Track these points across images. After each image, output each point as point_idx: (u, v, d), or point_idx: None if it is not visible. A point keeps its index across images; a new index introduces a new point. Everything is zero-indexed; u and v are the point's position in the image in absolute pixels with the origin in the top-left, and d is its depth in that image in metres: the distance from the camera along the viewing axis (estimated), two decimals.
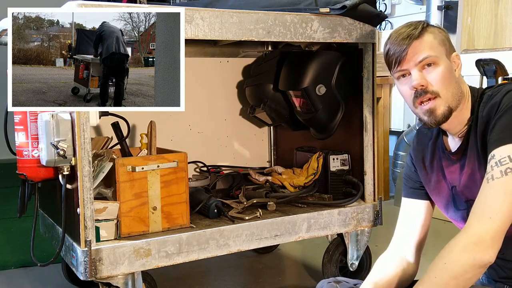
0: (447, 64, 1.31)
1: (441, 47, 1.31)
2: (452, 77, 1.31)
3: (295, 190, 2.17)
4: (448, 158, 1.39)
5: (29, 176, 1.71)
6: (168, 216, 1.80)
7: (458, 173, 1.35)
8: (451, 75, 1.31)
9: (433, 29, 1.33)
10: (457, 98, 1.31)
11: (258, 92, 2.39)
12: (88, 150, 1.58)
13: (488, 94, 1.30)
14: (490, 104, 1.26)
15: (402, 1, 4.19)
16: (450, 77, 1.30)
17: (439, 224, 3.26)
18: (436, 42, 1.31)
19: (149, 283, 1.80)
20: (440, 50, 1.31)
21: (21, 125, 1.69)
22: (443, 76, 1.29)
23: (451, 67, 1.32)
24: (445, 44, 1.32)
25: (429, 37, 1.30)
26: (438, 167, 1.42)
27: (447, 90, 1.30)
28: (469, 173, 1.31)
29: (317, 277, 2.26)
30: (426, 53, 1.29)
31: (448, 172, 1.38)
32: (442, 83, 1.29)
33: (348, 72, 2.13)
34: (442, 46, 1.31)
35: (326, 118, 2.17)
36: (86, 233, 1.59)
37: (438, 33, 1.32)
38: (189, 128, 2.52)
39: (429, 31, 1.31)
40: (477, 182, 1.27)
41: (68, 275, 2.23)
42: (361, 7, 1.93)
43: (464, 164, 1.33)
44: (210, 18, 1.72)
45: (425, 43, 1.30)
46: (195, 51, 2.48)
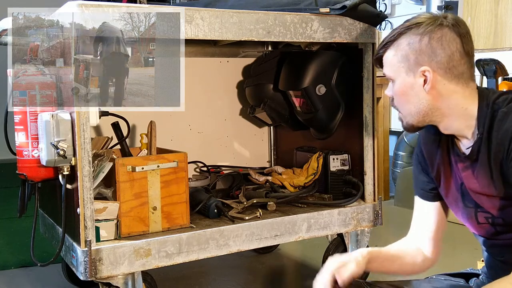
0: (405, 82, 1.27)
1: (399, 64, 1.26)
2: (410, 95, 1.27)
3: (295, 190, 2.17)
4: (458, 156, 1.33)
5: (29, 176, 1.71)
6: (168, 216, 1.80)
7: (468, 172, 1.30)
8: (409, 93, 1.27)
9: (406, 38, 1.26)
10: (418, 116, 1.28)
11: (258, 92, 2.39)
12: (88, 150, 1.58)
13: (503, 111, 1.21)
14: (505, 128, 1.19)
15: (402, 1, 4.19)
16: (406, 96, 1.27)
17: None
18: (396, 59, 1.27)
19: (149, 283, 1.80)
20: (397, 67, 1.27)
21: (21, 125, 1.69)
22: (398, 95, 1.29)
23: (412, 84, 1.26)
24: (406, 60, 1.25)
25: (390, 53, 1.28)
26: (448, 162, 1.37)
27: (403, 107, 1.29)
28: (479, 176, 1.27)
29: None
30: (385, 69, 1.30)
31: (457, 169, 1.34)
32: (398, 101, 1.30)
33: (348, 72, 2.13)
34: (400, 62, 1.26)
35: (326, 118, 2.17)
36: (86, 233, 1.59)
37: (405, 46, 1.25)
38: (189, 128, 2.52)
39: (397, 43, 1.27)
40: (486, 184, 1.25)
41: (68, 275, 2.23)
42: (361, 7, 1.93)
43: (475, 168, 1.28)
44: (210, 18, 1.72)
45: (386, 59, 1.29)
46: (195, 51, 2.48)
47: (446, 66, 1.23)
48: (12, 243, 2.66)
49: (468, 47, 1.24)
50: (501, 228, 1.27)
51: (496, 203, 1.24)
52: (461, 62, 1.24)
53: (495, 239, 1.31)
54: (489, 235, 1.31)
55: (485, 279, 1.40)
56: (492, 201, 1.25)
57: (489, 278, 1.38)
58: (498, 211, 1.25)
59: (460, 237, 3.01)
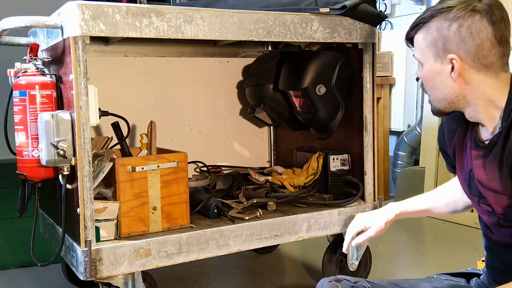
0: (432, 68, 1.25)
1: (428, 50, 1.24)
2: (437, 82, 1.25)
3: (295, 190, 2.17)
4: (475, 143, 1.31)
5: (29, 176, 1.71)
6: (168, 216, 1.80)
7: (479, 162, 1.29)
8: (436, 79, 1.25)
9: (436, 23, 1.22)
10: (447, 101, 1.26)
11: (258, 92, 2.39)
12: (88, 150, 1.58)
13: None
14: None
15: (402, 1, 4.19)
16: (433, 81, 1.26)
17: (439, 224, 3.26)
18: (424, 43, 1.24)
19: (149, 283, 1.80)
20: (425, 52, 1.25)
21: (21, 125, 1.69)
22: (426, 79, 1.28)
23: (439, 71, 1.24)
24: (434, 46, 1.23)
25: (420, 36, 1.26)
26: (462, 145, 1.36)
27: (430, 92, 1.29)
28: (489, 169, 1.25)
29: (317, 277, 2.26)
30: (415, 51, 1.28)
31: (470, 155, 1.33)
32: (426, 85, 1.29)
33: (348, 72, 2.13)
34: (429, 48, 1.24)
35: (326, 118, 2.17)
36: (86, 233, 1.59)
37: (434, 31, 1.22)
38: (189, 128, 2.52)
39: (426, 27, 1.23)
40: (494, 178, 1.23)
41: (68, 275, 2.23)
42: (361, 7, 1.93)
43: (487, 159, 1.26)
44: (210, 18, 1.72)
45: (416, 41, 1.27)
46: (195, 51, 2.48)
47: (474, 55, 1.19)
48: (12, 243, 2.66)
49: (500, 34, 1.18)
50: (504, 222, 1.26)
51: (500, 200, 1.24)
52: (491, 52, 1.19)
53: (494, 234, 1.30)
54: (490, 223, 1.31)
55: (485, 279, 1.40)
56: (496, 197, 1.25)
57: (489, 279, 1.38)
58: (501, 208, 1.24)
59: (460, 237, 3.01)
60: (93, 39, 1.70)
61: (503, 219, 1.26)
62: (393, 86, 4.04)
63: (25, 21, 1.60)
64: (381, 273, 2.37)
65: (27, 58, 1.78)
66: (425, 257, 2.70)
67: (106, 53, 2.26)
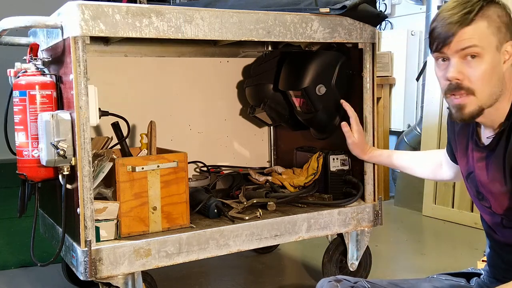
0: (493, 59, 1.14)
1: (493, 37, 1.13)
2: (494, 74, 1.15)
3: (295, 190, 2.17)
4: (476, 145, 1.29)
5: (29, 176, 1.71)
6: (168, 216, 1.80)
7: (482, 164, 1.28)
8: (494, 71, 1.14)
9: (493, 11, 1.13)
10: (494, 97, 1.17)
11: (258, 92, 2.39)
12: (88, 150, 1.58)
13: None
14: None
15: (402, 1, 4.19)
16: (491, 75, 1.14)
17: (439, 224, 3.26)
18: (489, 31, 1.12)
19: (149, 283, 1.80)
20: (490, 41, 1.13)
21: (21, 125, 1.69)
22: (484, 74, 1.14)
23: (498, 61, 1.15)
24: (499, 33, 1.13)
25: (482, 24, 1.12)
26: (465, 145, 1.34)
27: (484, 89, 1.15)
28: (491, 168, 1.24)
29: (317, 277, 2.26)
30: (472, 42, 1.13)
31: (472, 157, 1.31)
32: (481, 82, 1.14)
33: (348, 72, 2.13)
34: (494, 35, 1.13)
35: (326, 118, 2.16)
36: (86, 233, 1.59)
37: (496, 18, 1.13)
38: (189, 128, 2.52)
39: (485, 15, 1.12)
40: (496, 178, 1.23)
41: (68, 275, 2.23)
42: (361, 7, 1.93)
43: (489, 160, 1.24)
44: (210, 18, 1.72)
45: (475, 30, 1.12)
46: (195, 51, 2.48)
47: None
48: (12, 243, 2.67)
49: None
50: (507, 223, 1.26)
51: (501, 201, 1.24)
52: None
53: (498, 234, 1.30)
54: (493, 223, 1.31)
55: (486, 277, 1.40)
56: (497, 198, 1.25)
57: (490, 277, 1.38)
58: (502, 209, 1.24)
59: (460, 237, 3.01)
60: (93, 39, 1.70)
61: (506, 220, 1.26)
62: (393, 86, 4.04)
63: (25, 21, 1.60)
64: (381, 273, 2.37)
65: (27, 58, 1.78)
66: (425, 257, 2.70)
67: (106, 53, 2.26)
